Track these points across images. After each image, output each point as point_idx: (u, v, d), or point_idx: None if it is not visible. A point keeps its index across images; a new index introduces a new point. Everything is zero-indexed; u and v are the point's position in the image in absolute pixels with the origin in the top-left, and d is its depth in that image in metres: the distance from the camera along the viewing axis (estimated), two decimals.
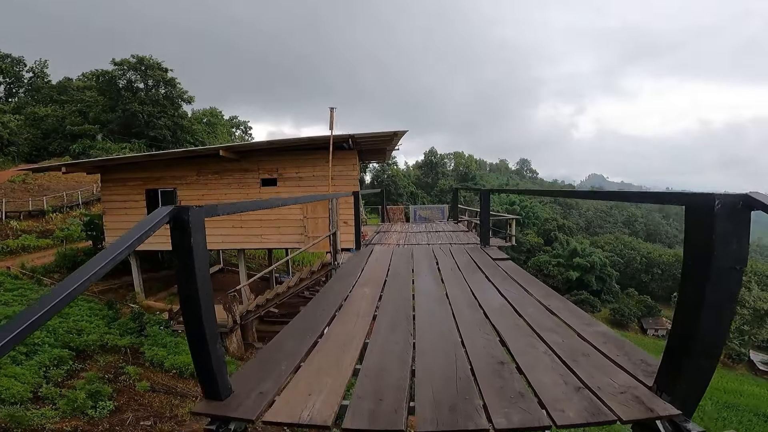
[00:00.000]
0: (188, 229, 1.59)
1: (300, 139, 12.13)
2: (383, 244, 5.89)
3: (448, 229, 7.47)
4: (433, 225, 8.01)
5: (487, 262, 4.15)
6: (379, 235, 6.92)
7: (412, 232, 7.22)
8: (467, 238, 6.39)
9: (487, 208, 4.81)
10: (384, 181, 55.94)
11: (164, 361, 11.07)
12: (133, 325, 12.27)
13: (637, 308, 51.37)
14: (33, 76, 47.22)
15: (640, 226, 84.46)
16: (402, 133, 13.51)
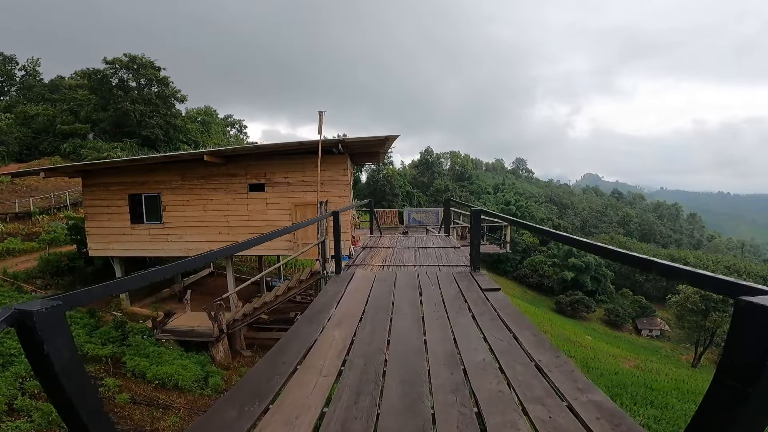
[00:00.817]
0: (38, 336, 1.11)
1: (289, 144, 11.72)
2: (367, 265, 5.44)
3: (439, 243, 7.00)
4: (424, 239, 7.54)
5: (476, 296, 3.75)
6: (364, 252, 6.43)
7: (400, 248, 6.68)
8: (457, 257, 5.95)
9: (477, 230, 4.42)
10: (379, 181, 55.54)
11: (146, 372, 10.67)
12: (116, 333, 11.84)
13: (632, 308, 51.33)
14: (25, 74, 46.51)
15: (635, 226, 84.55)
16: (394, 138, 13.11)
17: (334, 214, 4.84)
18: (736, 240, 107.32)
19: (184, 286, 16.90)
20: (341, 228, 6.15)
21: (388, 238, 7.64)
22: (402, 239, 7.50)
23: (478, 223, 4.50)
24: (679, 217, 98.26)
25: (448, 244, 6.86)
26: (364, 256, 6.09)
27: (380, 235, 8.01)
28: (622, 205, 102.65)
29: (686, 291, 34.62)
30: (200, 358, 11.88)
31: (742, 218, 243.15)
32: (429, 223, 20.29)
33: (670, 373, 25.52)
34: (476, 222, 4.49)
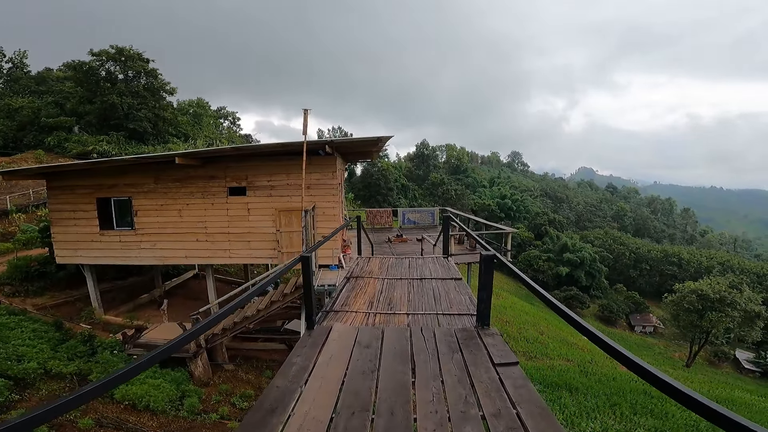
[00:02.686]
0: None
1: (270, 146, 10.63)
2: (348, 311, 4.33)
3: (438, 273, 5.78)
4: (419, 263, 6.42)
5: (487, 379, 2.76)
6: (348, 287, 5.22)
7: (391, 278, 5.48)
8: (459, 296, 4.86)
9: (489, 280, 3.44)
10: (374, 175, 54.33)
11: (114, 392, 9.71)
12: (83, 348, 10.80)
13: (626, 304, 50.92)
14: (12, 66, 45.00)
15: (629, 220, 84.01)
16: (386, 139, 12.05)
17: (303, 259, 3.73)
18: (728, 235, 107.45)
19: (165, 291, 15.88)
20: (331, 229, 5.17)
21: (378, 262, 6.54)
22: (394, 264, 6.40)
23: (491, 269, 3.52)
24: (673, 212, 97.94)
25: (448, 273, 5.74)
26: (347, 294, 5.01)
27: (370, 256, 6.89)
28: (616, 199, 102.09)
29: (682, 290, 34.09)
30: (176, 375, 10.89)
31: (735, 213, 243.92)
32: (424, 223, 19.33)
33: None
34: (488, 268, 3.51)
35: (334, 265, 11.36)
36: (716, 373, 33.85)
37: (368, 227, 19.09)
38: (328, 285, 9.90)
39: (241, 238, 11.26)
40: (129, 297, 14.77)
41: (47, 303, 13.15)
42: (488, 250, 3.55)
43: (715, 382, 26.01)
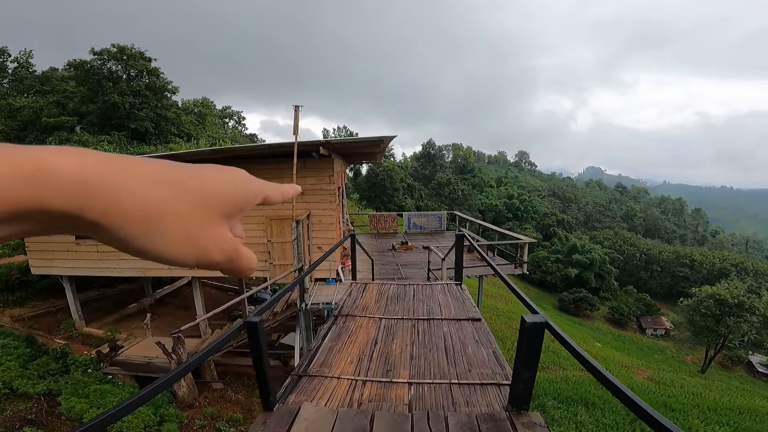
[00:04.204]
0: None
1: (257, 147, 9.49)
2: (328, 378, 3.14)
3: (450, 308, 4.37)
4: (427, 292, 5.11)
5: None
6: (335, 331, 4.00)
7: (389, 318, 4.38)
8: (481, 353, 3.58)
9: (536, 356, 2.28)
10: (379, 175, 53.03)
11: (84, 416, 8.66)
12: (55, 365, 9.76)
13: (636, 306, 49.28)
14: (18, 66, 44.48)
15: (639, 221, 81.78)
16: (389, 139, 10.84)
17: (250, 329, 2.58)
18: (739, 235, 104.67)
19: (155, 300, 14.84)
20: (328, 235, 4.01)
21: (376, 290, 5.26)
22: (395, 294, 5.09)
23: (538, 342, 2.34)
24: (683, 212, 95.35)
25: (463, 310, 4.39)
26: (330, 345, 3.75)
27: (367, 282, 5.60)
28: (626, 199, 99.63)
29: (699, 294, 32.69)
30: (158, 397, 9.79)
31: (744, 213, 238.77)
32: (431, 228, 18.07)
33: (685, 384, 23.67)
34: (535, 339, 2.32)
35: (331, 279, 10.19)
36: (730, 377, 32.50)
37: (372, 232, 17.88)
38: (323, 303, 8.73)
39: None
40: (115, 307, 13.73)
41: (26, 314, 12.15)
42: (535, 312, 2.35)
43: (734, 389, 24.58)
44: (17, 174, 0.24)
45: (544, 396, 15.46)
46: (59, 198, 0.25)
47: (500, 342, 22.29)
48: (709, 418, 17.36)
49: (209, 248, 0.32)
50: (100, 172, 0.27)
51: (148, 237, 0.29)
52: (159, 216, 0.29)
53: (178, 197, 0.30)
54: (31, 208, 0.25)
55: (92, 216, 0.26)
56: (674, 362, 35.20)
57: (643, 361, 29.78)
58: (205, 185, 0.32)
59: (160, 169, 0.30)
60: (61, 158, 0.26)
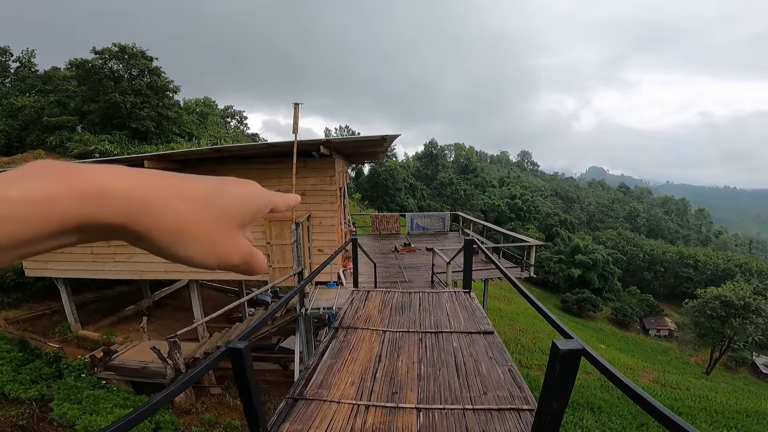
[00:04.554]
0: None
1: (257, 146, 9.15)
2: (327, 401, 2.77)
3: (461, 323, 4.00)
4: (433, 299, 4.67)
5: None
6: (334, 347, 3.52)
7: (394, 331, 4.02)
8: (496, 371, 3.14)
9: (568, 388, 1.93)
10: (381, 175, 52.63)
11: (76, 423, 8.36)
12: (48, 370, 9.46)
13: (639, 307, 48.82)
14: (20, 65, 44.32)
15: (642, 221, 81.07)
16: (393, 138, 10.48)
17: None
18: (742, 236, 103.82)
19: (154, 302, 14.52)
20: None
21: (379, 298, 4.88)
22: (400, 302, 4.70)
23: (572, 372, 2.00)
24: (687, 213, 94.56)
25: (473, 322, 4.06)
26: (329, 362, 3.34)
27: (369, 290, 5.22)
28: (629, 199, 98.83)
29: (704, 296, 32.29)
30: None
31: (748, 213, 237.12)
32: (434, 229, 17.69)
33: (691, 387, 23.32)
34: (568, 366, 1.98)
35: (332, 282, 9.86)
36: (734, 378, 32.20)
37: (374, 233, 17.53)
38: (324, 308, 8.39)
39: None
40: (113, 309, 13.41)
41: (22, 316, 11.87)
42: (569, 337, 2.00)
43: (739, 391, 24.21)
44: (81, 195, 0.28)
45: None
46: (113, 214, 0.30)
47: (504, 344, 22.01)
48: (717, 421, 17.04)
49: (228, 253, 0.37)
50: (144, 190, 0.31)
51: (179, 245, 0.34)
52: (187, 227, 0.33)
53: (202, 210, 0.35)
54: (89, 223, 0.29)
55: (137, 228, 0.31)
56: (678, 363, 34.87)
57: (648, 362, 29.39)
58: (224, 199, 0.37)
59: (186, 185, 0.35)
60: (117, 180, 0.30)
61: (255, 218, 0.40)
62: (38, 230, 0.27)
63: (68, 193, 0.27)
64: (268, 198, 0.42)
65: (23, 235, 0.26)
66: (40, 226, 0.27)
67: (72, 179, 0.28)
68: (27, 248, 0.28)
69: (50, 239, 0.28)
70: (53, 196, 0.27)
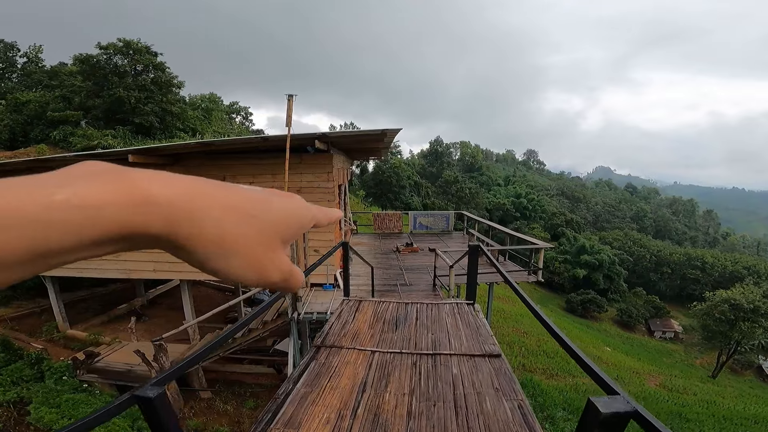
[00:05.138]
0: None
1: (248, 140, 8.56)
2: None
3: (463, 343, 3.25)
4: (432, 312, 4.06)
5: None
6: (310, 375, 3.05)
7: (385, 351, 3.41)
8: (503, 408, 2.60)
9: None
10: (385, 172, 51.96)
11: (53, 427, 7.92)
12: (30, 372, 9.00)
13: (645, 309, 47.84)
14: (27, 61, 44.27)
15: (649, 222, 79.68)
16: (394, 132, 9.86)
17: None
18: (750, 237, 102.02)
19: (148, 300, 14.05)
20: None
21: (371, 310, 4.26)
22: (394, 315, 4.07)
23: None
24: (695, 214, 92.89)
25: (477, 342, 3.27)
26: (304, 390, 2.78)
27: (361, 299, 4.59)
28: (636, 199, 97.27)
29: (713, 299, 31.49)
30: (134, 408, 8.93)
31: (756, 214, 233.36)
32: (437, 229, 17.05)
33: (698, 391, 22.64)
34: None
35: (328, 285, 9.26)
36: (740, 381, 31.52)
37: (376, 232, 16.93)
38: (317, 313, 7.81)
39: None
40: (106, 307, 12.96)
41: (9, 315, 11.43)
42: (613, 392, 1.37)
43: (746, 396, 23.53)
44: (128, 202, 0.26)
45: (553, 407, 14.45)
46: (159, 223, 0.27)
47: (507, 347, 21.26)
48: (725, 428, 16.42)
49: (270, 270, 0.34)
50: (189, 198, 0.29)
51: (221, 258, 0.31)
52: (231, 240, 0.31)
53: (248, 223, 0.32)
54: (134, 233, 0.27)
55: (179, 240, 0.29)
56: (683, 366, 34.18)
57: (654, 366, 28.68)
58: (271, 213, 0.34)
59: (233, 194, 0.32)
60: (163, 187, 0.28)
61: (297, 234, 0.37)
62: (81, 238, 0.24)
63: (116, 199, 0.25)
64: (311, 213, 0.39)
65: (64, 243, 0.24)
66: (84, 234, 0.24)
67: (120, 184, 0.26)
68: (64, 257, 0.25)
69: (90, 248, 0.26)
70: (101, 203, 0.25)
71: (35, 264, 0.24)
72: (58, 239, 0.23)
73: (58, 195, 0.23)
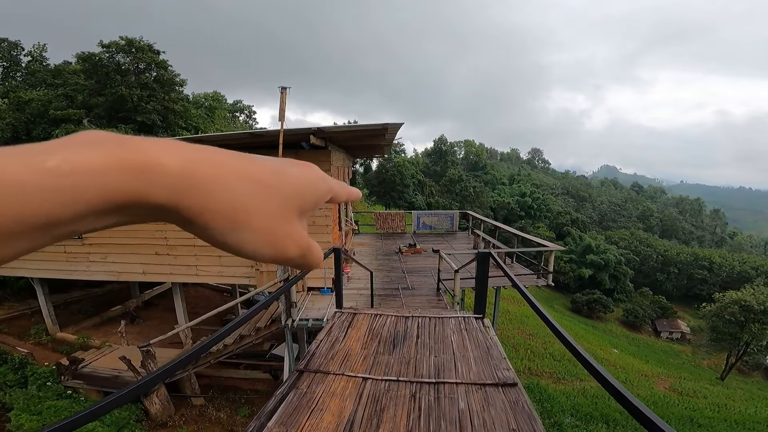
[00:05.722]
0: None
1: (237, 135, 8.03)
2: None
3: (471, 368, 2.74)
4: (436, 328, 3.51)
5: None
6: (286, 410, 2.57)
7: (380, 381, 2.84)
8: None
9: None
10: (389, 171, 51.36)
11: None
12: (14, 377, 8.56)
13: (651, 309, 46.97)
14: (31, 60, 44.16)
15: (656, 221, 78.40)
16: (396, 127, 9.31)
17: None
18: (757, 237, 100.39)
19: (143, 302, 13.60)
20: None
21: (365, 325, 3.70)
22: (392, 331, 3.50)
23: None
24: (702, 213, 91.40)
25: (488, 366, 2.86)
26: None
27: (356, 312, 3.98)
28: (642, 199, 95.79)
29: (722, 300, 30.73)
30: (123, 414, 8.37)
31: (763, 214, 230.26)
32: (441, 229, 16.48)
33: (708, 394, 22.00)
34: None
35: (326, 288, 8.73)
36: (747, 383, 30.86)
37: (378, 232, 16.37)
38: (313, 320, 7.28)
39: (211, 253, 8.70)
40: (99, 308, 12.51)
41: (0, 316, 11.02)
42: None
43: (756, 398, 22.88)
44: (126, 167, 0.24)
45: (561, 413, 13.87)
46: (162, 193, 0.25)
47: (513, 350, 20.67)
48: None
49: (287, 244, 0.32)
50: (199, 167, 0.27)
51: (233, 232, 0.29)
52: (246, 212, 0.29)
53: (263, 194, 0.30)
54: (135, 202, 0.25)
55: (187, 212, 0.27)
56: (691, 367, 33.50)
57: (662, 368, 28.00)
58: (287, 183, 0.32)
59: (246, 163, 0.30)
60: (167, 153, 0.26)
61: (315, 206, 0.35)
62: (76, 207, 0.23)
63: (113, 165, 0.23)
64: (328, 185, 0.36)
65: (59, 213, 0.22)
66: (79, 203, 0.23)
67: (119, 150, 0.24)
68: (62, 228, 0.23)
69: (88, 219, 0.24)
70: (95, 169, 0.23)
71: (33, 237, 0.22)
72: (50, 208, 0.22)
73: (50, 161, 0.22)
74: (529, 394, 2.41)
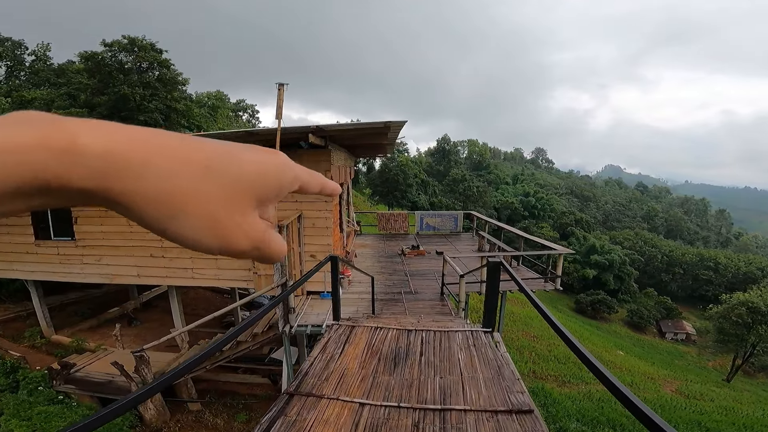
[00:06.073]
0: None
1: (233, 133, 7.73)
2: None
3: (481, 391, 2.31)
4: (442, 343, 3.17)
5: None
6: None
7: (378, 407, 2.50)
8: None
9: None
10: (392, 170, 50.99)
11: None
12: (5, 381, 8.30)
13: (656, 310, 46.42)
14: (35, 59, 44.16)
15: (660, 221, 77.59)
16: (399, 125, 8.95)
17: None
18: (762, 237, 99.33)
19: (142, 303, 13.34)
20: None
21: (363, 340, 3.36)
22: (393, 347, 3.14)
23: None
24: (707, 213, 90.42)
25: (499, 388, 2.53)
26: None
27: (354, 324, 3.63)
28: (647, 199, 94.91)
29: (729, 302, 30.26)
30: (116, 420, 8.13)
31: None
32: (445, 229, 16.13)
33: (715, 397, 21.59)
34: None
35: (326, 293, 8.41)
36: (752, 384, 30.46)
37: (381, 233, 16.04)
38: (312, 326, 6.96)
39: (207, 255, 8.41)
40: (97, 310, 12.24)
41: None
42: None
43: (764, 401, 22.47)
44: (46, 147, 0.22)
45: (566, 418, 13.51)
46: (85, 176, 0.23)
47: (517, 353, 20.27)
48: None
49: (235, 234, 0.29)
50: (128, 147, 0.25)
51: (171, 219, 0.27)
52: (183, 197, 0.26)
53: (207, 177, 0.27)
54: (55, 184, 0.23)
55: (115, 196, 0.25)
56: (697, 369, 33.07)
57: (668, 370, 27.55)
58: (239, 167, 0.29)
59: (189, 145, 0.28)
60: (91, 133, 0.24)
61: (279, 195, 0.32)
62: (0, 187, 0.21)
63: (38, 145, 0.21)
64: (294, 173, 0.34)
65: None
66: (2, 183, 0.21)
67: (43, 130, 0.22)
68: None
69: (16, 200, 0.22)
70: (20, 148, 0.21)
71: None
72: None
73: None
74: (533, 398, 2.10)
